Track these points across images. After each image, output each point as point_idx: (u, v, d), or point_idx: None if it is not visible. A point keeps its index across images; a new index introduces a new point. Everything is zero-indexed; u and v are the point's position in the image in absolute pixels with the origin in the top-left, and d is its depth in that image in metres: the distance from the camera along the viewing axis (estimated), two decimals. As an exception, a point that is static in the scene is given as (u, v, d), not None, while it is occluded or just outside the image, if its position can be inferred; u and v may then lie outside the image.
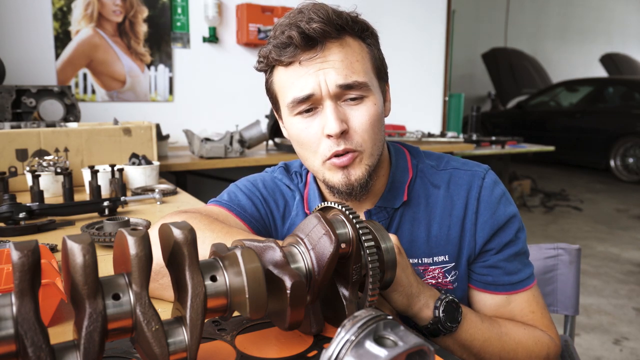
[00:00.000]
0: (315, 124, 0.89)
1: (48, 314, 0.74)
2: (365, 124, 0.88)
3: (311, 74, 0.86)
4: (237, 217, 0.97)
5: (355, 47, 0.89)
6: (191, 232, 0.54)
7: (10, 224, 1.31)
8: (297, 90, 0.87)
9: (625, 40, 12.07)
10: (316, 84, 0.86)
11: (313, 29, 0.83)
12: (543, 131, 7.98)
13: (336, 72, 0.86)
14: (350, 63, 0.87)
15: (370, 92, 0.89)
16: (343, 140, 0.88)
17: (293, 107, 0.89)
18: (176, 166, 2.70)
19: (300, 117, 0.90)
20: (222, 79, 3.70)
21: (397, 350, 0.41)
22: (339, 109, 0.88)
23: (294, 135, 0.93)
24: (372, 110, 0.89)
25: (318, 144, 0.89)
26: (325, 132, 0.87)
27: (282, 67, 0.90)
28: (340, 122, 0.86)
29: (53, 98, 2.32)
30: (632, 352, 2.56)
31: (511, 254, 0.95)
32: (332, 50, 0.86)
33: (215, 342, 0.66)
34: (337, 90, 0.86)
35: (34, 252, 0.45)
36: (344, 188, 0.91)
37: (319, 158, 0.91)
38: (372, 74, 0.91)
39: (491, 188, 0.97)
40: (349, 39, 0.88)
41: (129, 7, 3.35)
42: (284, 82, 0.90)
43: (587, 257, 3.96)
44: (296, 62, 0.87)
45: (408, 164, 1.02)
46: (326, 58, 0.86)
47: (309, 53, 0.86)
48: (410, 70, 4.51)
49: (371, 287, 0.66)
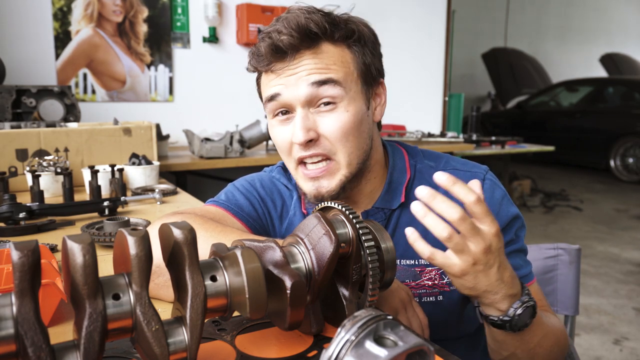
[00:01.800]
0: (287, 129, 0.91)
1: (48, 314, 0.74)
2: (337, 131, 0.88)
3: (283, 78, 0.89)
4: (234, 216, 0.97)
5: (332, 52, 0.89)
6: (191, 232, 0.54)
7: (10, 224, 1.31)
8: (269, 91, 0.91)
9: (625, 40, 12.07)
10: (286, 89, 0.88)
11: (281, 41, 0.86)
12: (543, 131, 7.98)
13: (308, 73, 0.87)
14: (325, 65, 0.88)
15: (343, 99, 0.89)
16: (313, 146, 0.89)
17: (268, 109, 0.93)
18: (176, 166, 2.70)
19: (277, 120, 0.93)
20: (222, 79, 3.70)
21: (397, 350, 0.41)
22: (309, 117, 0.89)
23: (272, 137, 0.97)
24: (345, 117, 0.88)
25: (290, 149, 0.92)
26: (292, 139, 0.90)
27: (263, 72, 0.93)
28: (306, 131, 0.87)
29: (53, 98, 2.32)
30: (632, 352, 2.56)
31: (512, 252, 0.95)
32: (303, 60, 0.87)
33: (215, 342, 0.66)
34: (308, 92, 0.87)
35: (34, 252, 0.45)
36: (312, 199, 0.93)
37: (292, 162, 0.94)
38: (352, 79, 0.90)
39: (492, 190, 0.97)
40: (325, 46, 0.89)
41: (129, 7, 3.35)
42: (264, 85, 0.94)
43: (587, 257, 3.96)
44: (270, 70, 0.90)
45: (406, 164, 1.01)
46: (297, 67, 0.88)
47: (281, 63, 0.88)
48: (410, 70, 4.51)
49: (371, 287, 0.66)
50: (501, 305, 0.76)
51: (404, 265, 0.97)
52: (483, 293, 0.74)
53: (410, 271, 0.97)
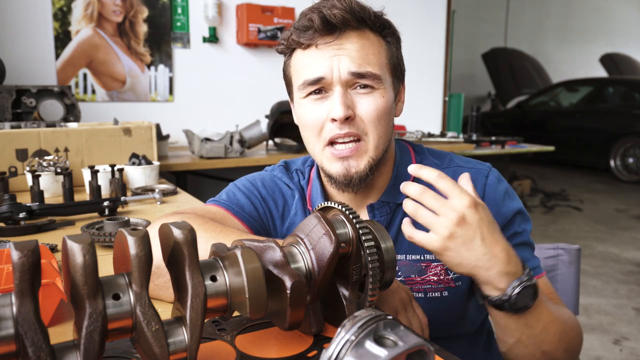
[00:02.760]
0: (322, 107, 0.91)
1: (48, 314, 0.74)
2: (372, 113, 0.90)
3: (326, 58, 0.89)
4: (235, 216, 0.97)
5: (373, 40, 0.91)
6: (191, 232, 0.54)
7: (10, 224, 1.31)
8: (310, 72, 0.90)
9: (625, 40, 12.06)
10: (329, 69, 0.89)
11: (334, 15, 0.87)
12: (543, 131, 7.98)
13: (350, 59, 0.88)
14: (366, 54, 0.89)
15: (381, 85, 0.91)
16: (347, 125, 0.89)
17: (304, 88, 0.92)
18: (176, 166, 2.70)
19: (310, 99, 0.93)
20: (222, 79, 3.70)
21: (397, 350, 0.41)
22: (347, 96, 0.90)
23: (301, 116, 0.96)
24: (381, 101, 0.90)
25: (322, 127, 0.92)
26: (330, 115, 0.89)
27: (300, 50, 0.93)
28: (346, 108, 0.88)
29: (53, 98, 2.32)
30: (632, 352, 2.56)
31: (516, 244, 0.94)
32: (349, 39, 0.89)
33: (215, 342, 0.66)
34: (349, 77, 0.89)
35: (34, 252, 0.45)
36: (341, 179, 0.92)
37: (320, 143, 0.93)
38: (386, 70, 0.93)
39: (495, 185, 0.98)
40: (368, 32, 0.91)
41: (129, 7, 3.35)
42: (300, 64, 0.93)
43: (587, 257, 3.96)
44: (313, 46, 0.90)
45: (412, 160, 1.03)
46: (343, 45, 0.89)
47: (327, 38, 0.89)
48: (410, 70, 4.42)
49: (371, 287, 0.66)
50: (498, 282, 0.75)
51: (409, 260, 0.97)
52: (474, 269, 0.74)
53: (416, 266, 0.97)
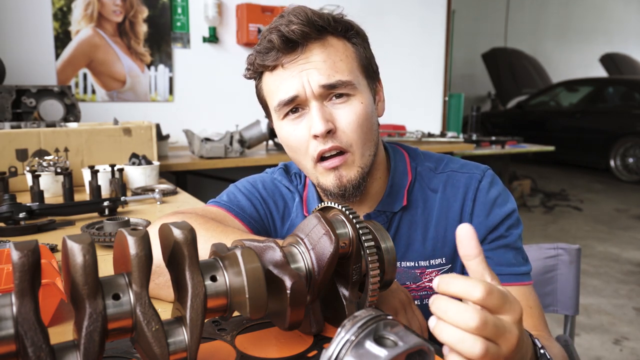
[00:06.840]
0: (302, 126, 0.90)
1: (48, 314, 0.74)
2: (353, 123, 0.88)
3: (295, 75, 0.87)
4: (235, 217, 0.97)
5: (338, 46, 0.89)
6: (191, 232, 0.54)
7: (10, 224, 1.31)
8: (282, 93, 0.89)
9: (625, 40, 12.06)
10: (300, 86, 0.87)
11: (292, 31, 0.85)
12: (543, 131, 7.97)
13: (319, 72, 0.86)
14: (333, 62, 0.87)
15: (356, 91, 0.89)
16: (330, 139, 0.88)
17: (280, 109, 0.90)
18: (176, 166, 2.70)
19: (288, 120, 0.91)
20: (222, 79, 3.70)
21: (397, 350, 0.41)
22: (325, 109, 0.88)
23: (283, 139, 0.94)
24: (359, 108, 0.89)
25: (307, 146, 0.90)
26: (312, 132, 0.88)
27: (268, 73, 0.91)
28: (325, 122, 0.86)
29: (53, 98, 2.32)
30: (632, 352, 2.56)
31: (500, 246, 0.93)
32: (313, 51, 0.87)
33: (215, 342, 0.66)
34: (321, 91, 0.87)
35: (34, 252, 0.45)
36: (336, 190, 0.91)
37: (309, 160, 0.91)
38: (358, 73, 0.91)
39: (487, 190, 0.96)
40: (331, 39, 0.89)
41: (129, 7, 3.35)
42: (270, 86, 0.91)
43: (587, 257, 3.96)
44: (279, 66, 0.88)
45: (407, 166, 1.01)
46: (308, 59, 0.87)
47: (291, 55, 0.87)
48: (410, 70, 4.51)
49: (371, 287, 0.66)
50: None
51: (404, 267, 0.97)
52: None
53: (410, 273, 0.97)
